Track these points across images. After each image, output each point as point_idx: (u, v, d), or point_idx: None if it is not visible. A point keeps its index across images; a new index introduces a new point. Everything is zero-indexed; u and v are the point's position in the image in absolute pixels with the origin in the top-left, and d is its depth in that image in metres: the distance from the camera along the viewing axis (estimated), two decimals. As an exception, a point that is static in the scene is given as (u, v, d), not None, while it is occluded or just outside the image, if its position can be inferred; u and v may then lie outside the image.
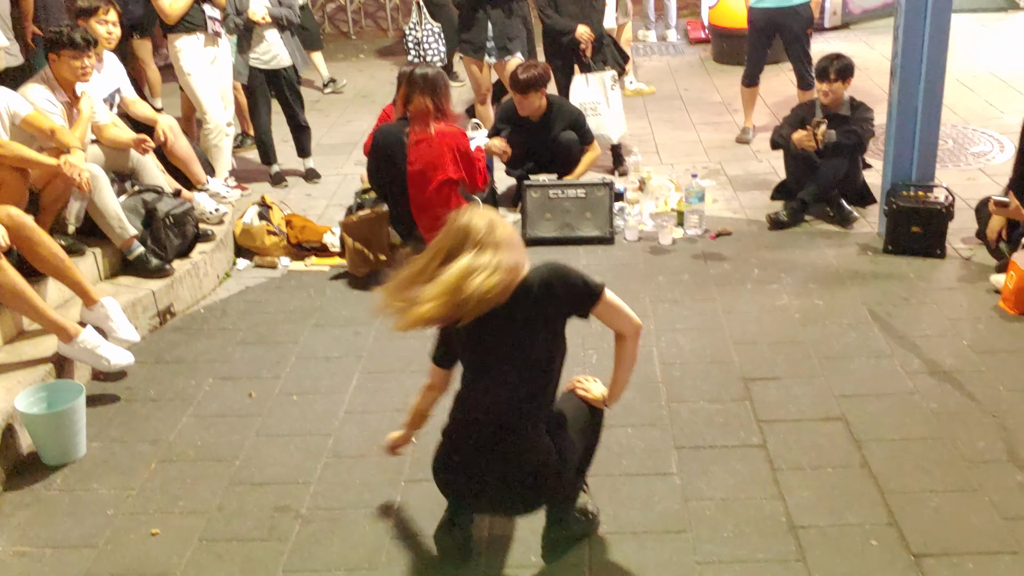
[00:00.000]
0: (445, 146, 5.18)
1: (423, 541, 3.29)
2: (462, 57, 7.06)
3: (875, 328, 4.56)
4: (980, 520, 3.26)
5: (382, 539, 3.33)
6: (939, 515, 3.30)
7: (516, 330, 2.89)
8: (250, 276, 5.56)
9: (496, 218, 2.91)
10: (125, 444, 3.98)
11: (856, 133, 5.59)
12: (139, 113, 5.76)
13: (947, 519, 3.28)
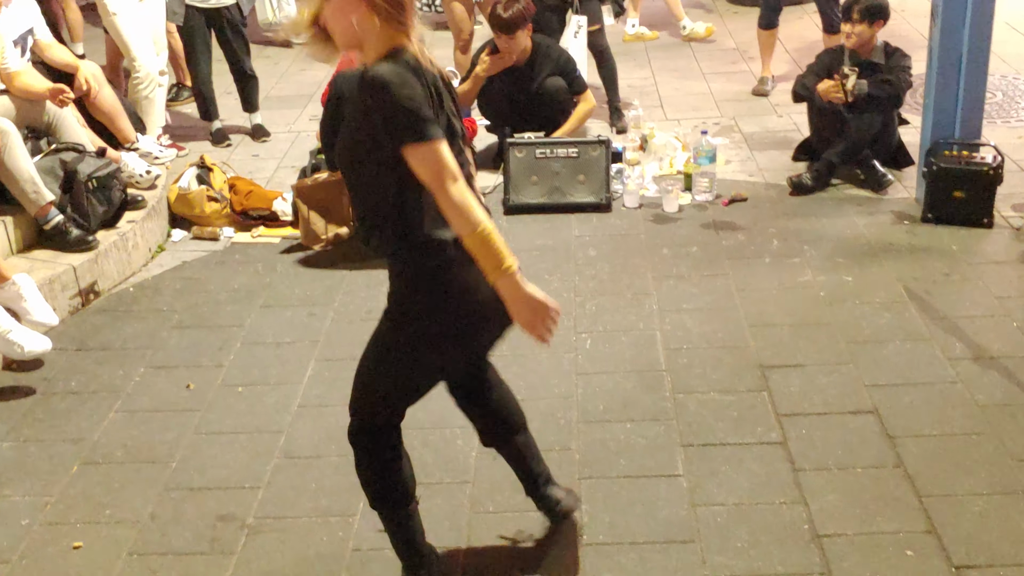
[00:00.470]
0: None
1: (389, 555, 3.28)
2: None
3: (912, 308, 4.59)
4: (1031, 526, 3.30)
5: (342, 552, 3.34)
6: (984, 521, 3.32)
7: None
8: (187, 249, 5.56)
9: None
10: (42, 444, 3.97)
11: (891, 84, 5.61)
12: (56, 59, 5.71)
13: (993, 526, 3.30)
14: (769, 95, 7.28)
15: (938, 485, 3.49)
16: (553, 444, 3.79)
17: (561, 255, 5.24)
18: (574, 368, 4.27)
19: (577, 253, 5.26)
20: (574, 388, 4.13)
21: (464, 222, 2.67)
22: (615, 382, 4.17)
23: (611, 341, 4.46)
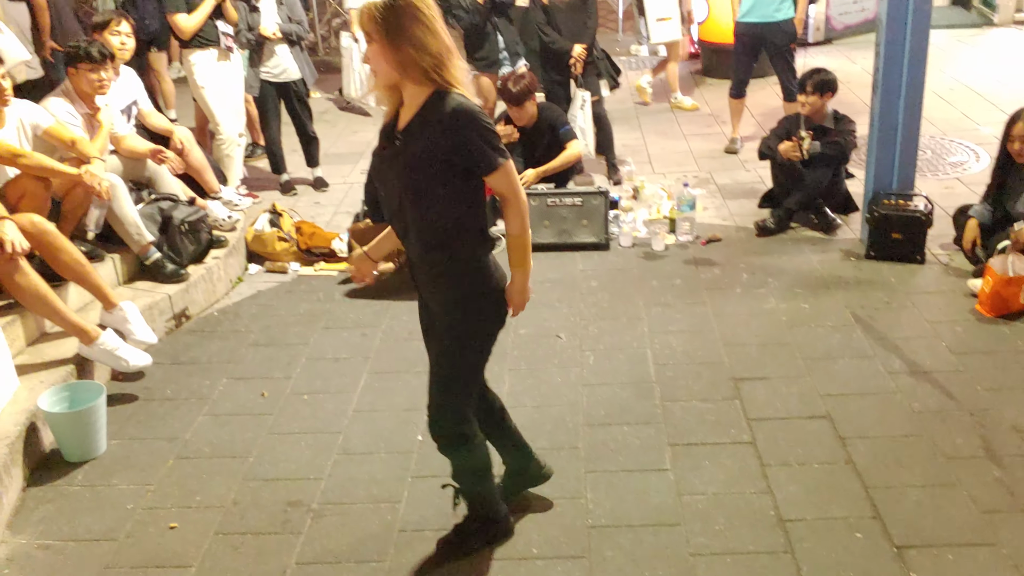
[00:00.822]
0: None
1: (430, 535, 3.30)
2: (475, 75, 7.00)
3: (858, 330, 4.58)
4: (959, 513, 3.28)
5: (390, 533, 3.34)
6: (920, 509, 3.32)
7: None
8: (261, 280, 5.58)
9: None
10: (143, 442, 3.99)
11: (839, 144, 5.62)
12: (155, 124, 5.77)
13: (928, 512, 3.29)
14: (738, 153, 7.28)
15: (881, 478, 3.48)
16: (563, 443, 3.80)
17: (568, 286, 5.25)
18: (580, 380, 4.28)
19: (581, 284, 5.26)
20: (580, 397, 4.14)
21: (523, 224, 2.85)
22: (614, 392, 4.17)
23: (610, 357, 4.46)
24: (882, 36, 5.17)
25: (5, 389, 3.92)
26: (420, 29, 2.61)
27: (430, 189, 2.74)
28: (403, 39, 2.61)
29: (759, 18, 6.84)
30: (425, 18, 2.62)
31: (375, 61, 2.70)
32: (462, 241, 2.81)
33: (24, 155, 4.43)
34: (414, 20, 2.61)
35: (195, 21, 6.17)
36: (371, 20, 2.64)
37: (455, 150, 2.69)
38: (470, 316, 2.90)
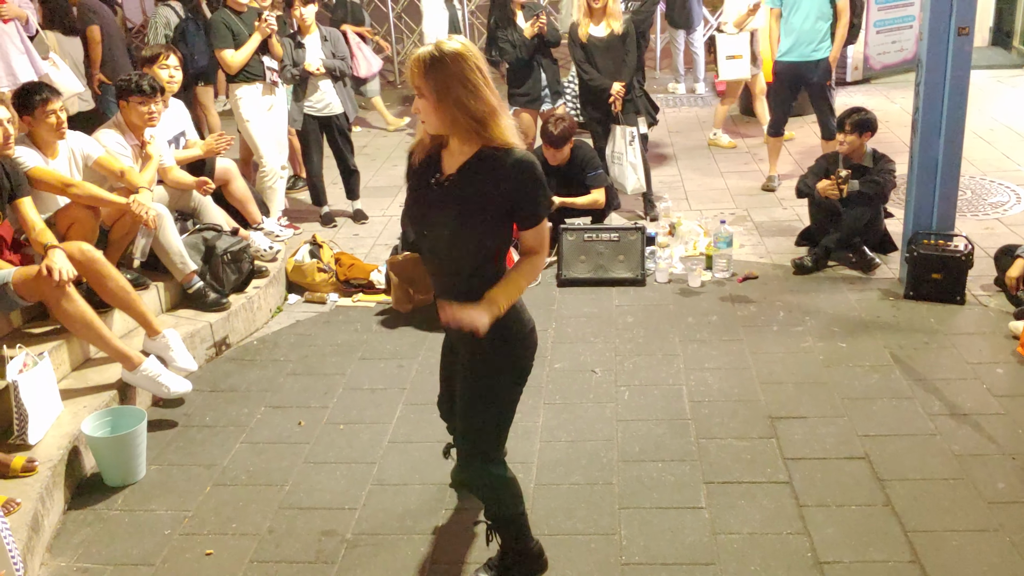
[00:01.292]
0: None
1: (463, 568, 3.28)
2: (515, 110, 7.03)
3: (897, 371, 4.52)
4: (1000, 559, 3.21)
5: (423, 564, 3.33)
6: (960, 554, 3.25)
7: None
8: (300, 310, 5.62)
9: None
10: (182, 468, 4.02)
11: (878, 183, 5.58)
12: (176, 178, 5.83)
13: (968, 558, 3.23)
14: (776, 191, 7.25)
15: (921, 522, 3.42)
16: (597, 479, 3.77)
17: (604, 321, 5.23)
18: (615, 416, 4.25)
19: (617, 320, 5.25)
20: (615, 432, 4.11)
21: (535, 275, 2.87)
22: (649, 428, 4.14)
23: (645, 394, 4.43)
24: (922, 76, 5.15)
25: (50, 413, 3.98)
26: (465, 91, 2.62)
27: (473, 232, 2.76)
28: (448, 99, 2.63)
29: (798, 57, 6.83)
30: (471, 79, 2.62)
31: (424, 113, 2.72)
32: (493, 280, 2.81)
33: (74, 184, 4.53)
34: (460, 81, 2.61)
35: (241, 57, 6.29)
36: (418, 75, 2.66)
37: (510, 196, 2.71)
38: (500, 354, 2.88)
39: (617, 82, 6.46)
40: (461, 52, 2.64)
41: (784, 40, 6.89)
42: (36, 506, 3.50)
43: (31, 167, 4.44)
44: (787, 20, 6.84)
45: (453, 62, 2.62)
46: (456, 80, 2.61)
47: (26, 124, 4.51)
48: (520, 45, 6.74)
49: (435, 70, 2.62)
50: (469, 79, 2.62)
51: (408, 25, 12.36)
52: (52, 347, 4.30)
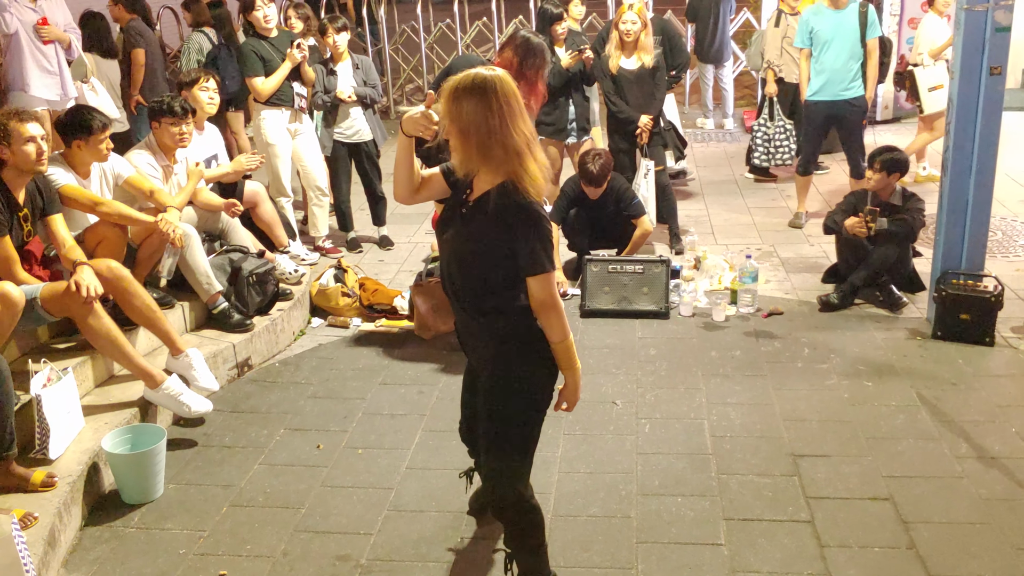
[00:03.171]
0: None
1: (476, 597, 3.24)
2: (541, 139, 7.07)
3: (923, 411, 4.44)
4: (1028, 608, 3.13)
5: (437, 593, 3.29)
6: (987, 601, 3.17)
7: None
8: (323, 334, 5.62)
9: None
10: (200, 487, 4.01)
11: (907, 222, 5.53)
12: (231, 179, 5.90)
13: (995, 605, 3.14)
14: (803, 227, 7.20)
15: (946, 567, 3.33)
16: (615, 512, 3.72)
17: (627, 353, 5.19)
18: (635, 448, 4.20)
19: (640, 352, 5.20)
20: (634, 465, 4.06)
21: (563, 329, 2.79)
22: (669, 462, 4.08)
23: (666, 427, 4.38)
24: (952, 116, 5.10)
25: (72, 428, 3.99)
26: (499, 121, 2.62)
27: (477, 259, 2.78)
28: (481, 128, 2.63)
29: (830, 96, 6.81)
30: (504, 110, 2.62)
31: (453, 140, 2.71)
32: (511, 303, 2.81)
33: (103, 203, 4.58)
34: (495, 111, 2.61)
35: (272, 84, 6.34)
36: (451, 102, 2.65)
37: (511, 242, 2.71)
38: (522, 378, 2.88)
39: (645, 115, 6.47)
40: (496, 81, 2.64)
41: (815, 80, 6.87)
42: (53, 521, 3.50)
43: (62, 184, 4.49)
44: (817, 59, 6.83)
45: (489, 91, 2.61)
46: (490, 110, 2.62)
47: (76, 147, 4.57)
48: (554, 72, 6.77)
49: (467, 97, 2.63)
50: (503, 109, 2.62)
51: (440, 56, 12.48)
52: (76, 363, 4.32)
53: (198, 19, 8.34)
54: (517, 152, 2.66)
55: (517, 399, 2.89)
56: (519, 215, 2.68)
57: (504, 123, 2.63)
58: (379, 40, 11.93)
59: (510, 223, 2.69)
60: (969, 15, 4.92)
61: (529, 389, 2.90)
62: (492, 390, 2.91)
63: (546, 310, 2.76)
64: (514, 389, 2.88)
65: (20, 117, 4.13)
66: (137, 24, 7.72)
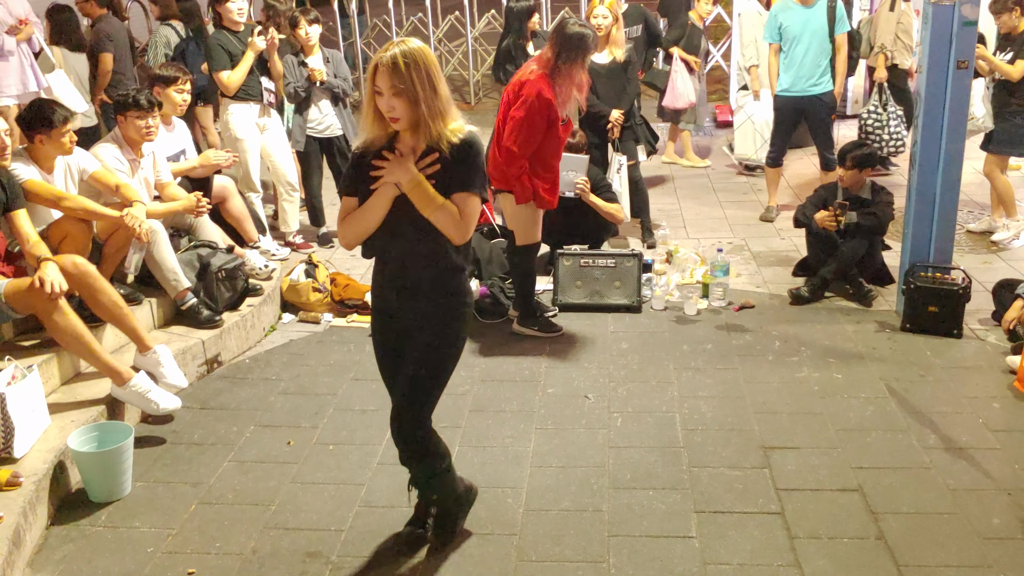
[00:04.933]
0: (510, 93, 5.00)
1: (448, 592, 3.23)
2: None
3: (892, 403, 4.47)
4: (995, 597, 3.16)
5: (408, 588, 3.28)
6: (954, 590, 3.19)
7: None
8: (294, 330, 5.58)
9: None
10: (168, 485, 3.97)
11: (876, 216, 5.57)
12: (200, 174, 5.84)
13: (962, 594, 3.17)
14: (774, 221, 7.24)
15: (914, 556, 3.36)
16: (587, 505, 3.72)
17: (599, 347, 5.19)
18: (607, 442, 4.20)
19: (612, 346, 5.21)
20: (606, 459, 4.06)
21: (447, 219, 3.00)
22: (640, 455, 4.08)
23: (638, 420, 4.39)
24: (920, 109, 5.14)
25: (37, 427, 3.93)
26: (432, 86, 2.90)
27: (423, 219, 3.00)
28: (421, 94, 2.89)
29: (799, 91, 6.85)
30: (435, 76, 2.92)
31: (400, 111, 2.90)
32: (446, 260, 3.09)
33: (67, 198, 4.51)
34: (429, 78, 2.89)
35: (237, 77, 6.24)
36: (394, 74, 2.85)
37: (451, 171, 2.97)
38: (450, 324, 3.14)
39: (616, 109, 6.46)
40: (425, 50, 2.92)
41: (784, 75, 6.91)
42: (19, 520, 3.44)
43: (26, 179, 4.42)
44: (787, 55, 6.87)
45: (424, 61, 2.89)
46: (427, 77, 2.89)
47: (38, 141, 4.49)
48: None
49: (411, 69, 2.86)
50: (434, 75, 2.90)
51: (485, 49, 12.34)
52: (42, 360, 4.26)
53: (165, 12, 8.23)
54: (445, 109, 2.96)
55: (451, 348, 3.18)
56: (461, 149, 2.96)
57: (437, 86, 2.92)
58: (351, 34, 11.86)
59: (454, 158, 2.95)
60: (937, 9, 4.96)
61: (459, 338, 3.19)
62: (429, 342, 3.13)
63: (468, 228, 3.01)
64: (449, 340, 3.16)
65: None
66: (106, 24, 7.60)
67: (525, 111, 4.84)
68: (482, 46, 12.44)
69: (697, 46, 8.48)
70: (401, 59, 2.85)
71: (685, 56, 8.39)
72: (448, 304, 3.13)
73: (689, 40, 8.43)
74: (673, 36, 8.53)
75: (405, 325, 3.18)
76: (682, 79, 8.38)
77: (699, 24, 8.49)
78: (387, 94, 2.88)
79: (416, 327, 3.15)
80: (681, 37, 8.43)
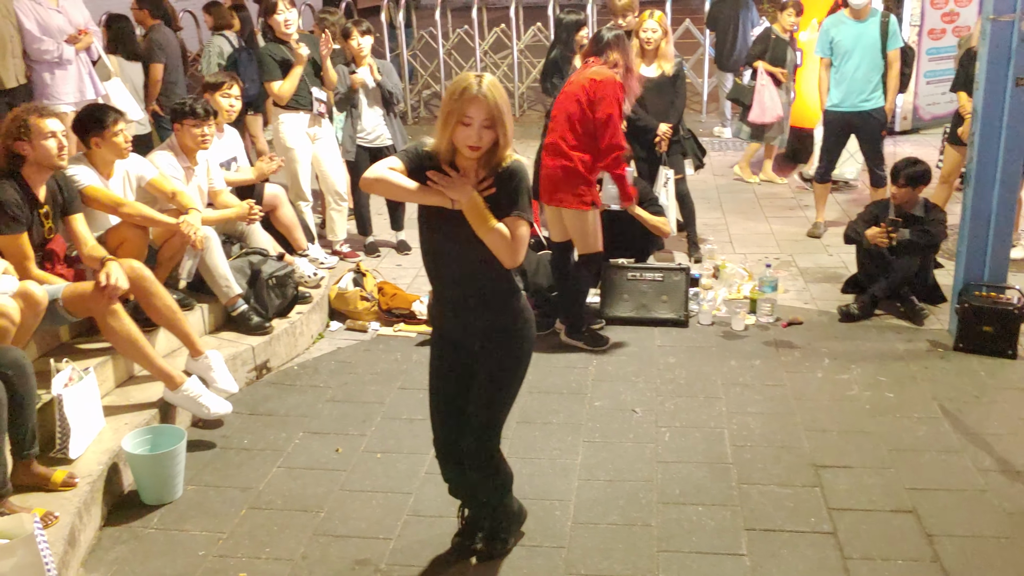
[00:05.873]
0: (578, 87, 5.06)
1: (496, 603, 3.22)
2: None
3: (946, 423, 4.40)
4: (1055, 624, 3.09)
5: (457, 599, 3.27)
6: (1013, 616, 3.13)
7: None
8: (342, 338, 5.62)
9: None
10: (218, 489, 4.00)
11: (929, 233, 5.49)
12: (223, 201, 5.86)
13: (1021, 621, 3.10)
14: (821, 237, 7.16)
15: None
16: (636, 520, 3.70)
17: (645, 361, 5.17)
18: (655, 457, 4.17)
19: (659, 360, 5.18)
20: (654, 473, 4.03)
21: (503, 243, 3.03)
22: (689, 470, 4.05)
23: (686, 435, 4.35)
24: (977, 127, 5.07)
25: (92, 428, 3.99)
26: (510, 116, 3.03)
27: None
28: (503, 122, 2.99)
29: (849, 107, 6.78)
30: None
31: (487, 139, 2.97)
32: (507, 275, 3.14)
33: (125, 204, 4.59)
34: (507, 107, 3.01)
35: (288, 86, 6.30)
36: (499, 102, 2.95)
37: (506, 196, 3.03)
38: (519, 344, 3.20)
39: (664, 123, 6.44)
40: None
41: (835, 90, 6.84)
42: (73, 520, 3.50)
43: (85, 185, 4.50)
44: (838, 69, 6.80)
45: (504, 95, 2.99)
46: (507, 110, 2.99)
47: (94, 144, 4.58)
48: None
49: (501, 103, 2.96)
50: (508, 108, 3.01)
51: (457, 62, 12.48)
52: (98, 363, 4.33)
53: (219, 23, 8.35)
54: (511, 143, 3.06)
55: (516, 366, 3.22)
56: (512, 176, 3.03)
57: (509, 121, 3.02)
58: (398, 46, 11.96)
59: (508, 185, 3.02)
60: (995, 26, 4.88)
61: (527, 356, 3.24)
62: (499, 363, 3.19)
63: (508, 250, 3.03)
64: (516, 356, 3.20)
65: (40, 113, 4.15)
66: (158, 34, 7.73)
67: (615, 108, 5.01)
68: (527, 58, 12.48)
69: (783, 58, 8.25)
70: (497, 94, 2.94)
71: (771, 69, 8.18)
72: (512, 324, 3.17)
73: (774, 52, 8.23)
74: (756, 50, 8.34)
75: (469, 348, 3.22)
76: (769, 93, 8.20)
77: (783, 35, 8.30)
78: (478, 126, 2.94)
79: (483, 350, 3.19)
80: (765, 51, 8.25)
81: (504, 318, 3.17)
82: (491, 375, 3.20)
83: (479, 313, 3.15)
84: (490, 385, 3.20)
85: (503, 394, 3.23)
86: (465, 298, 3.16)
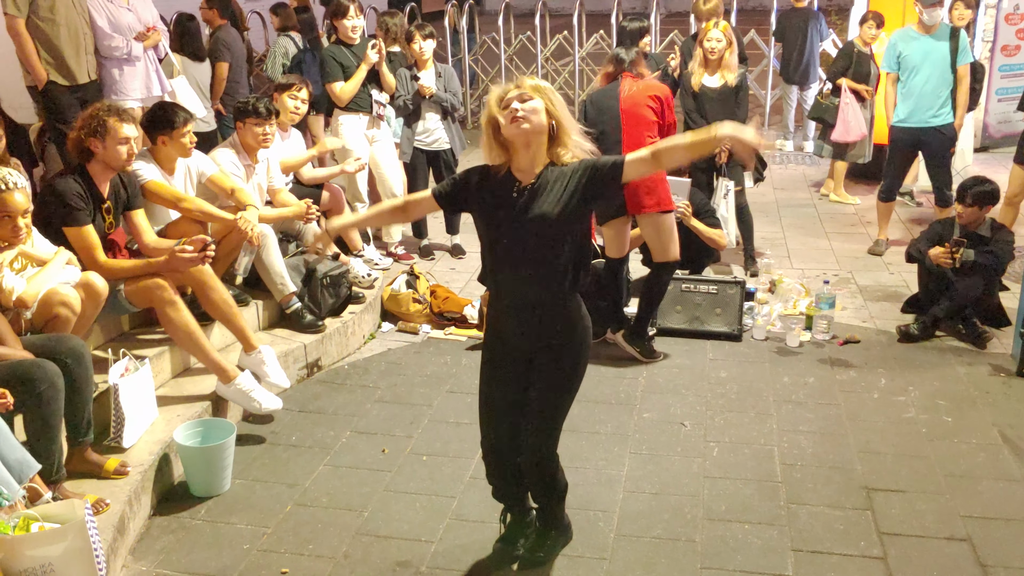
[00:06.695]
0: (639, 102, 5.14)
1: (536, 612, 3.20)
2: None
3: (1006, 451, 4.27)
4: (1115, 665, 2.97)
5: (496, 605, 3.27)
6: (1070, 654, 3.02)
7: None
8: (393, 339, 5.65)
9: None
10: (265, 484, 4.05)
11: (995, 255, 5.35)
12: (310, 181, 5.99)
13: (1078, 659, 3.00)
14: (883, 255, 7.02)
15: (1026, 614, 3.20)
16: (680, 535, 3.65)
17: (697, 374, 5.11)
18: (702, 471, 4.12)
19: (710, 374, 5.12)
20: (701, 488, 3.98)
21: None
22: (736, 487, 3.99)
23: (735, 451, 4.29)
24: (1049, 146, 4.93)
25: (146, 419, 4.07)
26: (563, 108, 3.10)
27: (548, 237, 3.06)
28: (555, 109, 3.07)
29: (917, 123, 6.64)
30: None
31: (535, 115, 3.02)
32: (578, 278, 3.14)
33: (185, 199, 4.68)
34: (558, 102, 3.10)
35: (350, 88, 6.37)
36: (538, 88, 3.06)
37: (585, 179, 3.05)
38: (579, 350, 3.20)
39: (725, 134, 6.37)
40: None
41: (902, 105, 6.71)
42: (124, 508, 3.56)
43: (147, 180, 4.59)
44: (905, 84, 6.66)
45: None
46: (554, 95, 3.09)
47: (161, 142, 4.67)
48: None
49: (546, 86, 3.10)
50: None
51: (519, 67, 12.50)
52: (154, 354, 4.41)
53: (285, 23, 8.49)
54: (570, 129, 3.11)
55: (576, 370, 3.22)
56: (599, 169, 3.05)
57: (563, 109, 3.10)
58: (460, 50, 12.02)
59: (579, 171, 3.05)
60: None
61: (585, 362, 3.25)
62: (561, 369, 3.18)
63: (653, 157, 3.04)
64: (576, 362, 3.21)
65: (120, 116, 4.21)
66: (224, 33, 7.87)
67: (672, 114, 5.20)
68: (588, 66, 12.44)
69: (867, 73, 7.94)
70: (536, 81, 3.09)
71: (854, 86, 7.88)
72: (573, 329, 3.18)
73: (857, 68, 7.93)
74: (839, 66, 8.00)
75: (526, 352, 3.22)
76: (853, 111, 7.87)
77: (865, 49, 7.97)
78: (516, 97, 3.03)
79: (543, 354, 3.19)
80: (848, 67, 7.92)
81: (565, 322, 3.16)
82: (550, 380, 3.19)
83: (540, 316, 3.15)
84: (549, 390, 3.20)
85: (562, 399, 3.22)
86: (526, 300, 3.15)
